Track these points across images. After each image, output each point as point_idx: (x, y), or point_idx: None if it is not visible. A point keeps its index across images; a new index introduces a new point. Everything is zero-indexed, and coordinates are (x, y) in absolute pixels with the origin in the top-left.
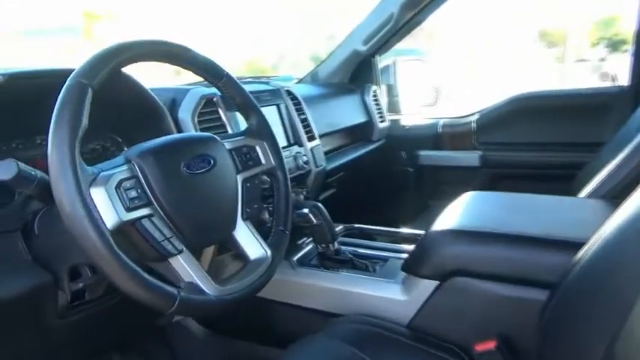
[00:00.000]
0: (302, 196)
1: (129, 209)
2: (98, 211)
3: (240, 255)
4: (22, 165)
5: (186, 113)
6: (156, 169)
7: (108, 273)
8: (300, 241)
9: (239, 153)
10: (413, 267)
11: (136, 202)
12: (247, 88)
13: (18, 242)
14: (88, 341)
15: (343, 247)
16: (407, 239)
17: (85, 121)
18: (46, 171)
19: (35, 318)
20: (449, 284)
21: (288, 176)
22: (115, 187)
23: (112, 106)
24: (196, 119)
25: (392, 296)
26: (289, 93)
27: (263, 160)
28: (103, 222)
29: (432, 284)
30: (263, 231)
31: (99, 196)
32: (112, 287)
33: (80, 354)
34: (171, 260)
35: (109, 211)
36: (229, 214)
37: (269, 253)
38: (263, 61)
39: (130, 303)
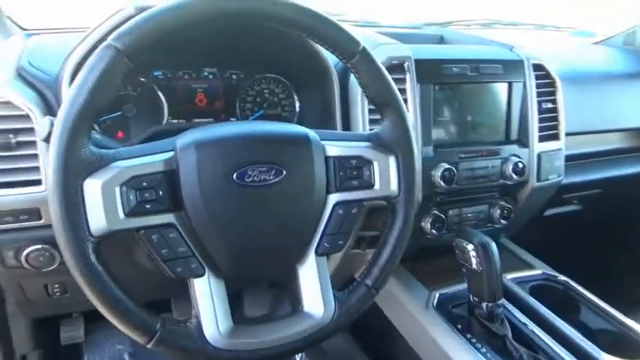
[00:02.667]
0: (497, 213)
1: (132, 214)
2: (85, 209)
3: (296, 299)
4: None
5: None
6: (193, 170)
7: (80, 285)
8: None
9: (343, 165)
10: None
11: (148, 206)
12: (468, 53)
13: None
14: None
15: (509, 307)
16: (629, 342)
17: (106, 99)
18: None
19: (128, 254)
20: None
21: (412, 215)
22: (123, 184)
23: (278, 53)
24: None
25: None
26: (538, 68)
27: (377, 184)
28: (87, 225)
29: None
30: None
31: (93, 190)
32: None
33: (176, 291)
34: (189, 282)
35: (98, 213)
36: (297, 242)
37: (332, 311)
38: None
39: None
